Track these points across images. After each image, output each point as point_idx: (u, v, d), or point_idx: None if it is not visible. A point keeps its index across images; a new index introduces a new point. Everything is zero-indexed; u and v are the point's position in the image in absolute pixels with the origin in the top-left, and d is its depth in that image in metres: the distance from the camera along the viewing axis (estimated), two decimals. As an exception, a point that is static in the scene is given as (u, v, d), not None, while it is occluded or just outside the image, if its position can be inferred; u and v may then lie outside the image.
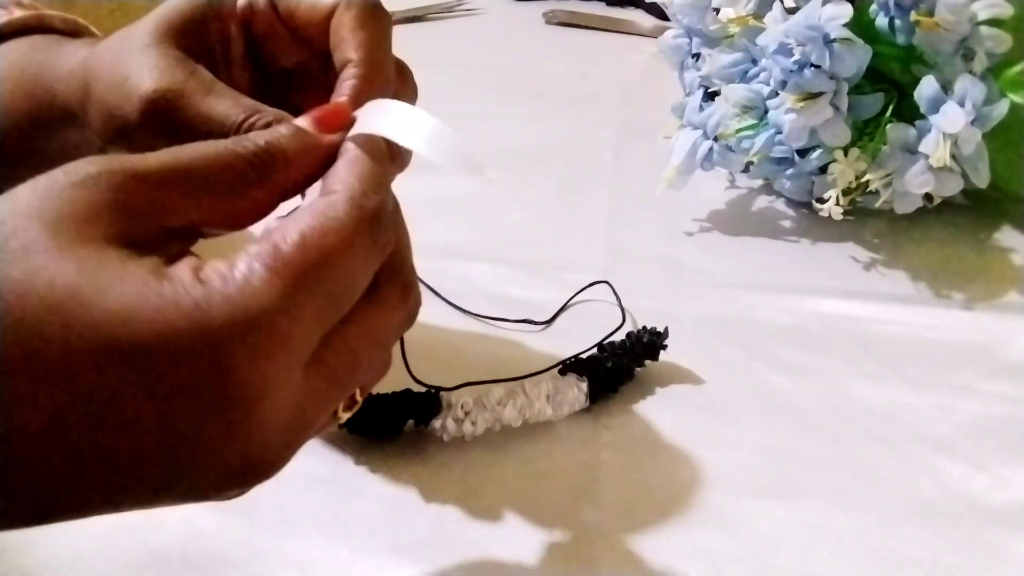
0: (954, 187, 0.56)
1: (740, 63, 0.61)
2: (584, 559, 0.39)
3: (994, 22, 0.54)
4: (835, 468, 0.44)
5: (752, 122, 0.60)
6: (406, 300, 0.29)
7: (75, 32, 0.42)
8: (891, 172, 0.56)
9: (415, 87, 0.37)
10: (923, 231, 0.62)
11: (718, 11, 0.63)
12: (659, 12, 0.97)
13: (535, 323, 0.52)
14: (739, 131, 0.59)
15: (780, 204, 0.65)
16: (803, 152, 0.60)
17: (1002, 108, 0.55)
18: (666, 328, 0.48)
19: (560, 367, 0.47)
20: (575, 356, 0.47)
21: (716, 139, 0.60)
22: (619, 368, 0.47)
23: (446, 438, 0.43)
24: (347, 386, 0.27)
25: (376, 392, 0.43)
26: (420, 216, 0.30)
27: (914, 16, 0.55)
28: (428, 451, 0.43)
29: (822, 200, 0.57)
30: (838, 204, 0.57)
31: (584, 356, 0.47)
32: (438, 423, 0.43)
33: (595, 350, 0.48)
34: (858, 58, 0.55)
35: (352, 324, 0.27)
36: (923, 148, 0.55)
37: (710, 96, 0.63)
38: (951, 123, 0.54)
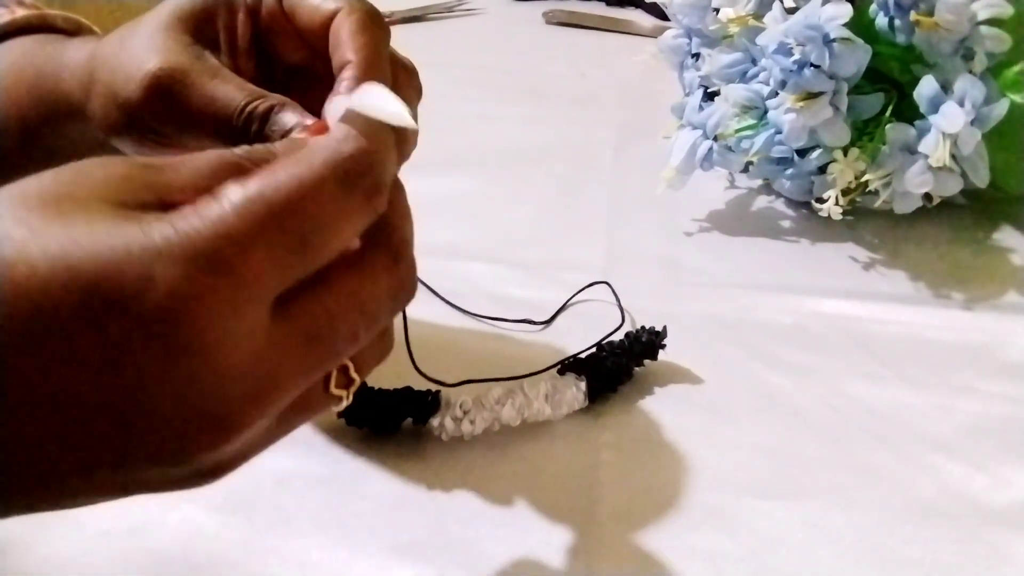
0: (954, 187, 0.56)
1: (740, 63, 0.62)
2: (584, 559, 0.39)
3: (994, 22, 0.55)
4: (835, 468, 0.44)
5: (752, 122, 0.60)
6: (393, 270, 0.27)
7: (77, 31, 0.42)
8: (891, 172, 0.56)
9: (420, 87, 0.37)
10: (923, 231, 0.62)
11: (718, 11, 0.63)
12: (659, 12, 0.97)
13: (535, 323, 0.52)
14: (739, 131, 0.59)
15: (780, 204, 0.65)
16: (803, 152, 0.60)
17: (1002, 108, 0.55)
18: (664, 328, 0.48)
19: (559, 367, 0.47)
20: (574, 356, 0.47)
21: (716, 139, 0.60)
22: (618, 368, 0.47)
23: (445, 437, 0.43)
24: (326, 351, 0.25)
25: (377, 387, 0.43)
26: (420, 216, 0.30)
27: (914, 16, 0.55)
28: (428, 451, 0.43)
29: (822, 200, 0.57)
30: (838, 204, 0.57)
31: (583, 356, 0.47)
32: (436, 422, 0.43)
33: (594, 350, 0.48)
34: (858, 58, 0.55)
35: (329, 284, 0.25)
36: (923, 148, 0.55)
37: (710, 96, 0.63)
38: (951, 123, 0.54)
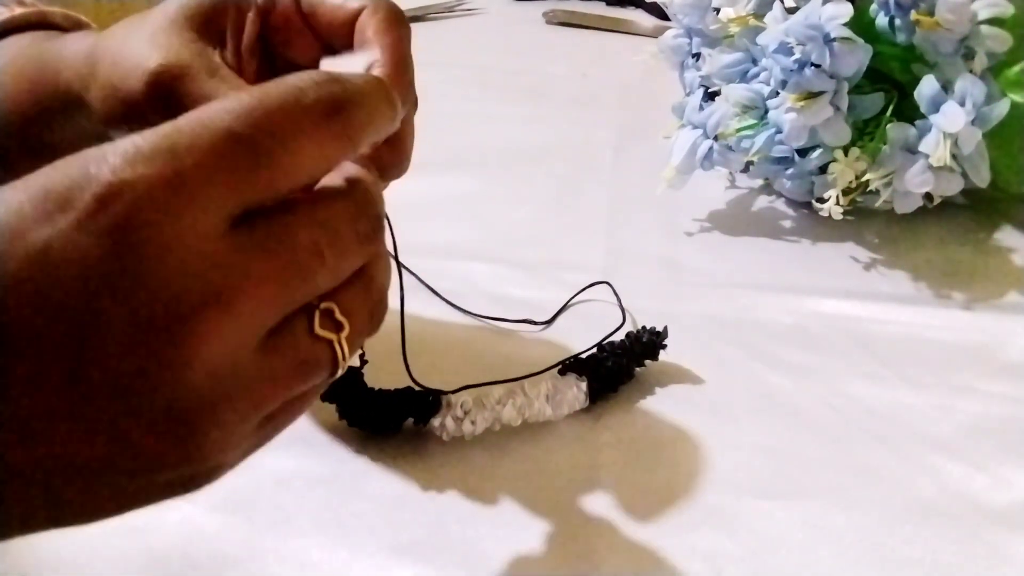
0: (954, 187, 0.56)
1: (740, 63, 0.62)
2: (584, 559, 0.39)
3: (994, 21, 0.55)
4: (835, 468, 0.44)
5: (752, 122, 0.60)
6: (350, 190, 0.26)
7: (77, 28, 0.42)
8: (891, 172, 0.56)
9: (415, 99, 0.37)
10: (923, 231, 0.62)
11: (718, 11, 0.63)
12: (659, 12, 0.97)
13: (535, 323, 0.52)
14: (739, 131, 0.59)
15: (780, 204, 0.65)
16: (803, 152, 0.60)
17: (1002, 108, 0.55)
18: (665, 328, 0.48)
19: (560, 367, 0.47)
20: (575, 356, 0.47)
21: (716, 139, 0.60)
22: (619, 368, 0.47)
23: (446, 437, 0.43)
24: (287, 261, 0.23)
25: (377, 388, 0.43)
26: (420, 216, 0.30)
27: (914, 16, 0.55)
28: (428, 451, 0.43)
29: (822, 200, 0.57)
30: (838, 204, 0.57)
31: (584, 356, 0.47)
32: (437, 422, 0.43)
33: (595, 350, 0.48)
34: (858, 58, 0.55)
35: (287, 203, 0.24)
36: (923, 148, 0.55)
37: (710, 96, 0.63)
38: (951, 123, 0.54)
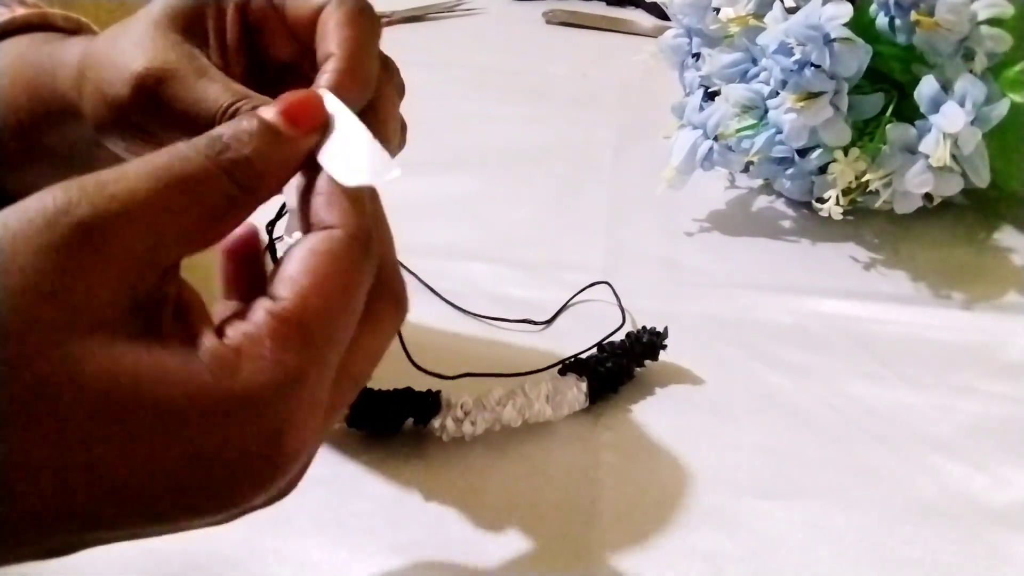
0: (954, 187, 0.56)
1: (740, 63, 0.61)
2: (584, 559, 0.39)
3: (994, 22, 0.55)
4: (835, 468, 0.44)
5: (752, 122, 0.60)
6: (399, 311, 0.29)
7: (77, 30, 0.42)
8: (891, 172, 0.56)
9: (402, 84, 0.36)
10: (923, 231, 0.62)
11: (718, 11, 0.63)
12: (659, 12, 0.97)
13: (535, 323, 0.52)
14: (739, 131, 0.59)
15: (780, 204, 0.65)
16: (803, 152, 0.60)
17: (1002, 108, 0.55)
18: (666, 328, 0.48)
19: (560, 367, 0.47)
20: (575, 356, 0.47)
21: (716, 139, 0.60)
22: (619, 368, 0.47)
23: (445, 438, 0.43)
24: (348, 400, 0.28)
25: (377, 388, 0.43)
26: (420, 216, 0.30)
27: (914, 16, 0.55)
28: (428, 451, 0.43)
29: (822, 200, 0.57)
30: (838, 204, 0.57)
31: (584, 356, 0.47)
32: (437, 422, 0.43)
33: (595, 350, 0.48)
34: (858, 58, 0.55)
35: (355, 352, 0.27)
36: (923, 148, 0.55)
37: (710, 96, 0.63)
38: (951, 123, 0.54)
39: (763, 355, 0.51)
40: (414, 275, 0.53)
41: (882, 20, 0.58)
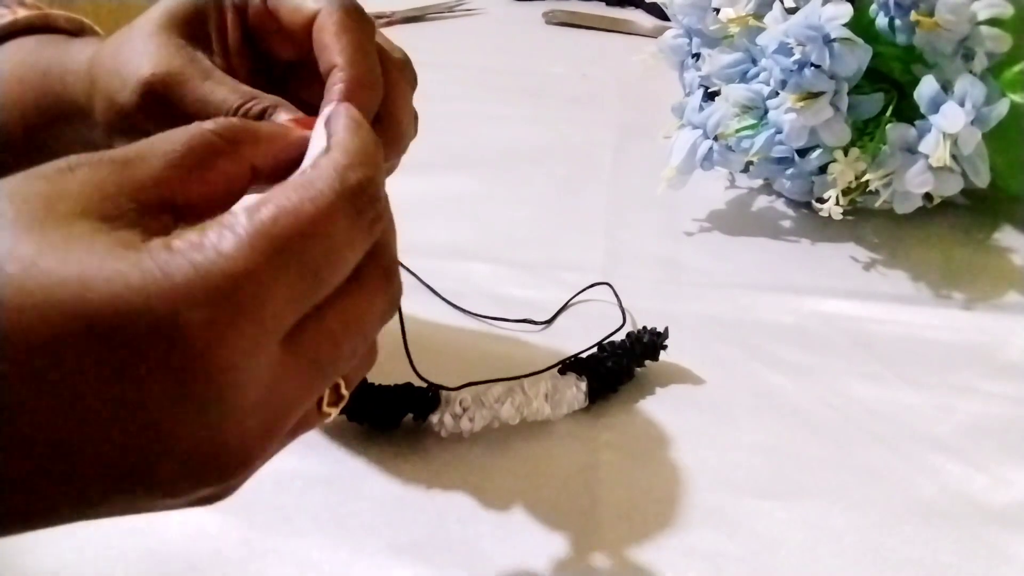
0: (954, 187, 0.56)
1: (740, 63, 0.61)
2: (584, 559, 0.39)
3: (994, 22, 0.55)
4: (835, 468, 0.44)
5: (752, 122, 0.60)
6: (387, 286, 0.28)
7: (79, 31, 0.42)
8: (891, 172, 0.56)
9: (414, 76, 0.37)
10: (923, 231, 0.62)
11: (718, 11, 0.62)
12: (659, 12, 0.97)
13: (535, 323, 0.52)
14: (739, 131, 0.59)
15: (780, 204, 0.65)
16: (803, 152, 0.60)
17: (1002, 108, 0.55)
18: (666, 328, 0.48)
19: (560, 367, 0.47)
20: (575, 356, 0.47)
21: (716, 139, 0.60)
22: (619, 368, 0.47)
23: (444, 434, 0.43)
24: (328, 373, 0.26)
25: (377, 383, 0.43)
26: (420, 216, 0.30)
27: (914, 16, 0.55)
28: (428, 450, 0.43)
29: (822, 200, 0.57)
30: (838, 204, 0.57)
31: (584, 356, 0.47)
32: (436, 418, 0.43)
33: (595, 350, 0.48)
34: (858, 58, 0.55)
35: (332, 307, 0.25)
36: (923, 148, 0.55)
37: (710, 96, 0.63)
38: (951, 123, 0.54)
39: (763, 355, 0.51)
40: (414, 275, 0.53)
41: (882, 20, 0.58)
